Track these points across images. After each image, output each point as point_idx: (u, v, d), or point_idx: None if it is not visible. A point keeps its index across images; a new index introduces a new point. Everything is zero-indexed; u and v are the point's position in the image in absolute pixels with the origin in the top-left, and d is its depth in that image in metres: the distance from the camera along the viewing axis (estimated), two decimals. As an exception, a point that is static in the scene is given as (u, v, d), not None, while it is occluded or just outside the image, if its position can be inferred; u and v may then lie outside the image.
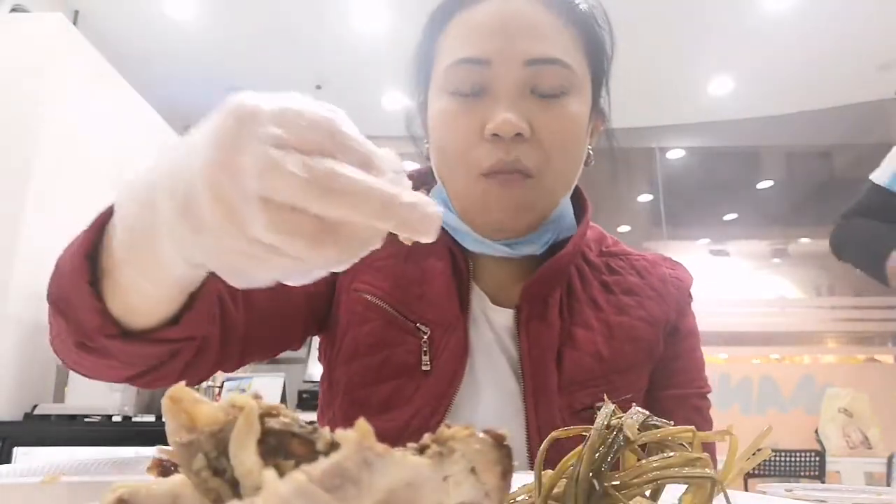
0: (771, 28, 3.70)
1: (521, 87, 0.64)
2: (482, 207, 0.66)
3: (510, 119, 0.61)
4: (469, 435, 0.19)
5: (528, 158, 0.63)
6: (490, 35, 0.64)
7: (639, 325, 0.71)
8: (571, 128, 0.66)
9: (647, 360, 0.72)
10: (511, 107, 0.62)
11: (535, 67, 0.63)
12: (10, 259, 2.12)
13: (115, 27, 3.65)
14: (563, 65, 0.64)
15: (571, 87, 0.65)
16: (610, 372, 0.68)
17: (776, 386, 4.14)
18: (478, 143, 0.64)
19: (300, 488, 0.16)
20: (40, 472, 0.39)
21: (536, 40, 0.64)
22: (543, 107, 0.64)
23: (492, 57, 0.63)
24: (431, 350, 0.67)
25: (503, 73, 0.63)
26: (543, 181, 0.65)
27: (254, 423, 0.18)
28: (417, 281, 0.70)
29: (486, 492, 0.19)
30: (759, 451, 0.31)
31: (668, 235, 4.93)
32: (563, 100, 0.65)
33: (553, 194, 0.67)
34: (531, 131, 0.63)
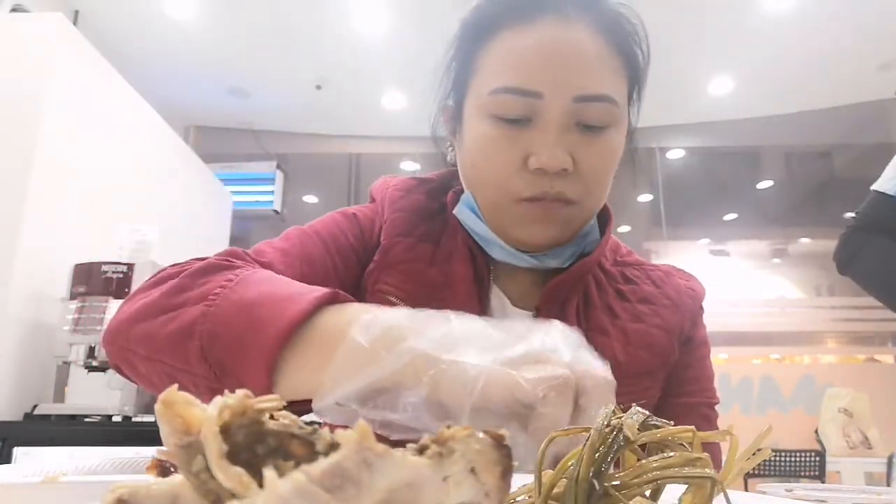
0: (771, 28, 3.70)
1: (568, 121, 0.64)
2: (520, 226, 0.68)
3: (558, 156, 0.63)
4: (469, 435, 0.19)
5: (570, 191, 0.65)
6: (542, 66, 0.63)
7: (654, 332, 0.72)
8: (612, 159, 0.68)
9: (661, 367, 0.73)
10: (557, 142, 0.63)
11: (584, 104, 0.64)
12: (10, 259, 2.12)
13: (115, 27, 3.66)
14: (610, 101, 0.65)
15: (615, 121, 0.66)
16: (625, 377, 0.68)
17: (776, 386, 4.14)
18: (519, 172, 0.65)
19: (300, 488, 0.16)
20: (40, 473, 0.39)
21: (587, 75, 0.64)
22: (587, 141, 0.65)
23: (543, 90, 0.63)
24: None
25: (552, 107, 0.63)
26: (583, 207, 0.68)
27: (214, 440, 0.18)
28: (440, 285, 0.71)
29: (485, 492, 0.19)
30: (759, 451, 0.31)
31: (668, 235, 4.93)
32: (607, 133, 0.66)
33: (589, 217, 0.71)
34: (573, 164, 0.65)
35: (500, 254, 0.71)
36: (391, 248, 0.73)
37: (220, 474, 0.17)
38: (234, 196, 4.38)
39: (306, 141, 4.96)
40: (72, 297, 2.19)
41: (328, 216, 0.77)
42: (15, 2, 2.82)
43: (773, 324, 4.67)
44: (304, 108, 4.56)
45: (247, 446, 0.20)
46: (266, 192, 4.85)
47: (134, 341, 0.54)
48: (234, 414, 0.20)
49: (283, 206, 4.89)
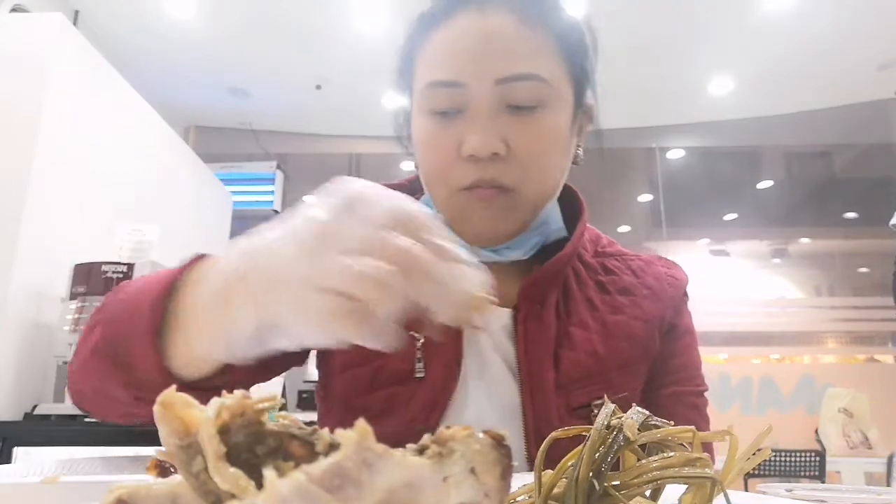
0: (771, 28, 3.70)
1: (495, 104, 0.64)
2: (463, 219, 0.67)
3: (484, 141, 0.63)
4: (468, 435, 0.19)
5: (506, 176, 0.65)
6: (462, 55, 0.65)
7: (634, 323, 0.72)
8: (549, 140, 0.66)
9: (642, 358, 0.72)
10: (486, 126, 0.63)
11: (507, 85, 0.63)
12: (10, 259, 2.12)
13: (115, 27, 3.65)
14: (536, 78, 0.64)
15: (548, 99, 0.65)
16: (607, 370, 0.69)
17: (776, 386, 4.14)
18: (455, 162, 0.65)
19: (300, 488, 0.16)
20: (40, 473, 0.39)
21: (508, 57, 0.64)
22: (519, 123, 0.64)
23: (464, 78, 0.64)
24: (425, 356, 0.68)
25: (476, 93, 0.64)
26: (523, 193, 0.66)
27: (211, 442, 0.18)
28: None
29: (485, 492, 0.19)
30: (759, 451, 0.31)
31: (668, 235, 4.93)
32: (539, 113, 0.65)
33: (534, 204, 0.68)
34: (507, 148, 0.64)
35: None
36: None
37: (217, 477, 0.17)
38: (234, 196, 4.38)
39: (306, 141, 4.96)
40: (72, 297, 2.19)
41: None
42: (15, 2, 2.82)
43: (773, 324, 4.67)
44: (304, 108, 4.56)
45: (247, 447, 0.20)
46: (266, 192, 4.85)
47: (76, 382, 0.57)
48: (233, 414, 0.20)
49: (283, 206, 4.89)
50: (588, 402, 0.68)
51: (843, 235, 5.02)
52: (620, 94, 4.46)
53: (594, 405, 0.67)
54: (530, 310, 0.70)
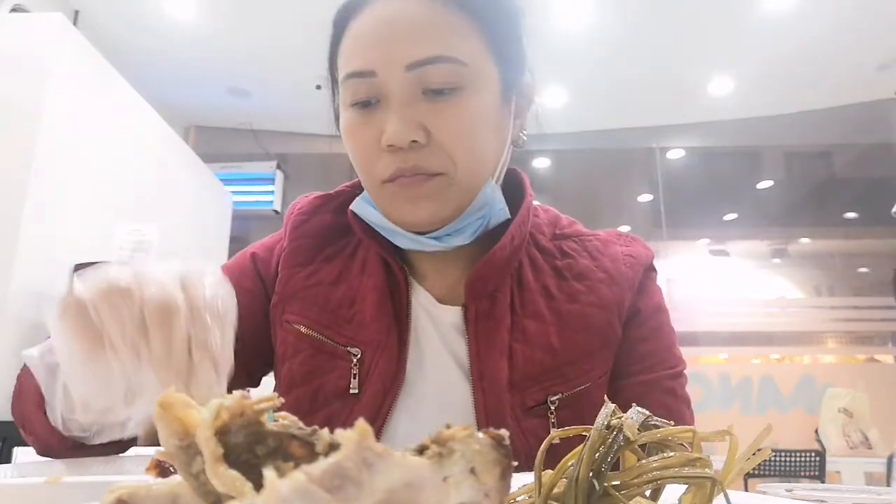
0: (771, 28, 3.70)
1: (410, 91, 0.62)
2: (393, 209, 0.66)
3: (400, 129, 0.61)
4: (468, 435, 0.19)
5: (428, 162, 0.62)
6: (372, 45, 0.63)
7: (590, 311, 0.69)
8: (471, 122, 0.63)
9: (601, 347, 0.69)
10: (402, 115, 0.61)
11: (419, 69, 0.61)
12: (10, 259, 2.12)
13: (115, 27, 3.65)
14: (449, 60, 0.62)
15: (465, 81, 0.62)
16: (562, 364, 0.67)
17: (776, 386, 4.14)
18: (377, 154, 0.64)
19: (300, 488, 0.16)
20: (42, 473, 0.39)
21: (416, 41, 0.62)
22: (437, 107, 0.62)
23: (375, 67, 0.62)
24: (361, 372, 0.66)
25: (389, 81, 0.62)
26: (452, 176, 0.63)
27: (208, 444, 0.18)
28: (348, 303, 0.69)
29: (485, 492, 0.19)
30: (759, 451, 0.31)
31: (668, 235, 4.93)
32: (458, 95, 0.62)
33: (468, 186, 0.65)
34: (428, 135, 0.62)
35: (405, 242, 0.68)
36: (289, 279, 0.72)
37: (214, 479, 0.17)
38: (234, 196, 4.38)
39: (306, 141, 4.96)
40: (72, 297, 2.18)
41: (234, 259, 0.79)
42: (15, 2, 2.82)
43: (773, 324, 4.67)
44: (304, 108, 4.56)
45: (246, 447, 0.20)
46: (266, 192, 4.85)
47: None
48: (232, 415, 0.20)
49: (283, 206, 4.89)
50: (545, 400, 0.66)
51: (843, 235, 5.02)
52: (621, 94, 4.46)
53: (550, 402, 0.65)
54: (479, 306, 0.68)
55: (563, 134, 4.81)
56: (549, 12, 3.58)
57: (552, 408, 0.65)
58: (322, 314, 0.69)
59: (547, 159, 5.17)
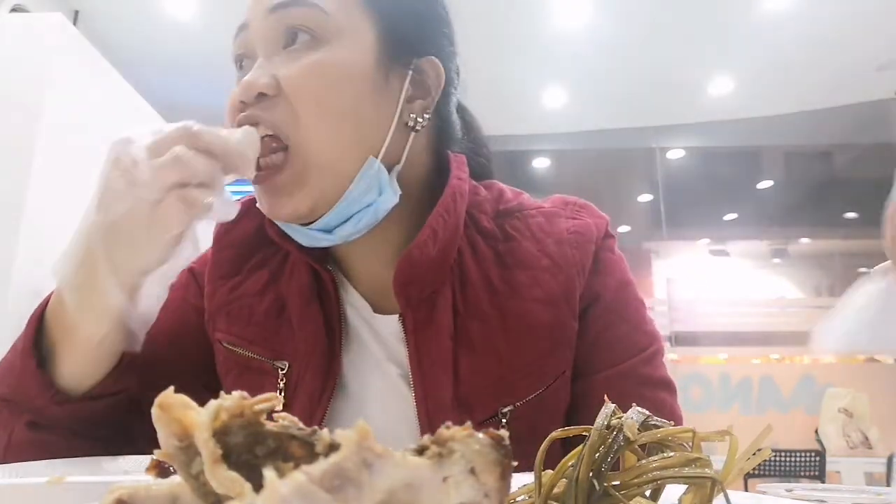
0: (771, 28, 3.70)
1: (271, 41, 0.57)
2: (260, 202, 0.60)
3: (248, 79, 0.55)
4: (468, 435, 0.19)
5: (269, 114, 0.55)
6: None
7: (534, 307, 0.61)
8: (327, 78, 0.56)
9: (551, 349, 0.61)
10: (259, 65, 0.57)
11: (279, 12, 0.56)
12: (10, 258, 2.12)
13: (115, 27, 3.66)
14: (308, 5, 0.56)
15: (325, 31, 0.56)
16: (511, 373, 0.60)
17: (776, 386, 4.15)
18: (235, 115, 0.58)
19: (300, 489, 0.16)
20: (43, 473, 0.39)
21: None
22: (290, 56, 0.56)
23: (248, 18, 0.60)
24: (287, 388, 0.61)
25: (255, 31, 0.59)
26: (301, 151, 0.56)
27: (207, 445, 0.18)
28: (276, 311, 0.63)
29: (485, 492, 0.19)
30: (759, 451, 0.31)
31: (668, 235, 4.93)
32: (313, 46, 0.56)
33: (324, 164, 0.56)
34: (278, 88, 0.55)
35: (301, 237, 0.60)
36: (214, 293, 0.66)
37: (213, 481, 0.17)
38: (234, 196, 4.38)
39: (306, 141, 4.97)
40: (72, 297, 2.19)
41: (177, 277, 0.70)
42: (15, 2, 2.82)
43: (773, 324, 4.67)
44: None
45: (246, 448, 0.20)
46: (266, 192, 4.85)
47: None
48: (231, 415, 0.20)
49: (283, 206, 4.89)
50: (496, 412, 0.59)
51: (843, 235, 5.02)
52: (621, 94, 4.46)
53: (501, 414, 0.59)
54: (417, 315, 0.60)
55: (563, 134, 4.81)
56: (549, 13, 3.58)
57: (503, 420, 0.59)
58: (246, 328, 0.64)
59: (547, 159, 5.16)
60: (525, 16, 3.54)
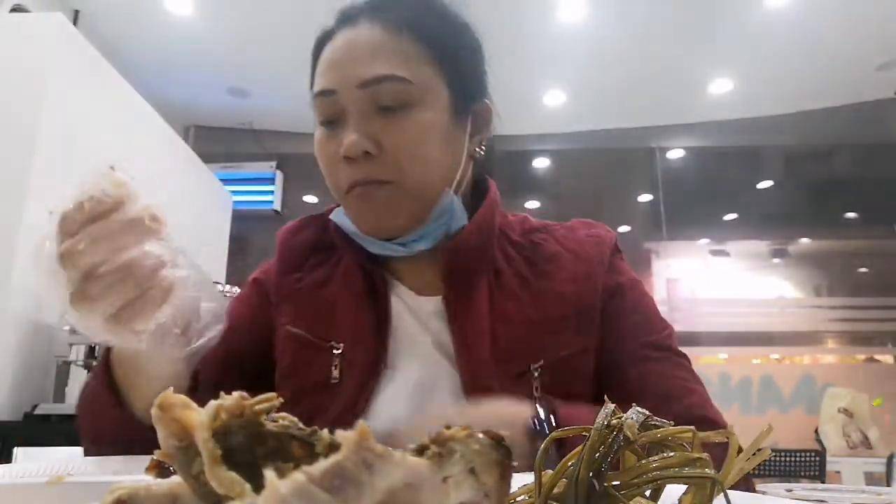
0: (771, 28, 3.70)
1: (364, 108, 0.69)
2: (357, 217, 0.73)
3: (353, 140, 0.68)
4: (468, 435, 0.19)
5: (379, 173, 0.69)
6: (333, 67, 0.72)
7: (562, 284, 0.75)
8: (419, 135, 0.70)
9: (577, 315, 0.73)
10: (357, 129, 0.69)
11: (369, 88, 0.69)
12: (10, 259, 2.12)
13: (115, 27, 3.66)
14: (396, 80, 0.69)
15: (413, 98, 0.70)
16: (541, 334, 0.72)
17: (776, 386, 4.15)
18: (339, 165, 0.71)
19: (300, 489, 0.16)
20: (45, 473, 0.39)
21: (368, 63, 0.69)
22: (390, 122, 0.69)
23: (334, 86, 0.70)
24: (343, 364, 0.73)
25: (345, 99, 0.70)
26: (403, 185, 0.70)
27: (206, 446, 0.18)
28: (331, 304, 0.77)
29: (485, 492, 0.19)
30: (759, 451, 0.31)
31: (668, 235, 4.92)
32: (409, 111, 0.70)
33: (419, 194, 0.71)
34: (380, 147, 0.69)
35: (375, 247, 0.75)
36: (279, 285, 0.81)
37: (213, 481, 0.17)
38: (234, 196, 4.38)
39: (306, 141, 4.92)
40: (72, 297, 2.18)
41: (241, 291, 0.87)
42: (15, 2, 2.82)
43: (773, 324, 4.67)
44: (304, 108, 4.54)
45: (246, 448, 0.20)
46: (266, 192, 4.85)
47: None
48: (231, 416, 0.20)
49: (283, 206, 4.89)
50: (528, 367, 0.70)
51: (843, 235, 5.02)
52: (621, 94, 4.46)
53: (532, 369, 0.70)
54: (458, 294, 0.74)
55: (563, 134, 4.81)
56: (549, 12, 3.58)
57: (535, 374, 0.70)
58: (307, 314, 0.77)
59: (547, 159, 5.16)
60: (525, 16, 3.54)
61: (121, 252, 0.49)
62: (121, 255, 0.49)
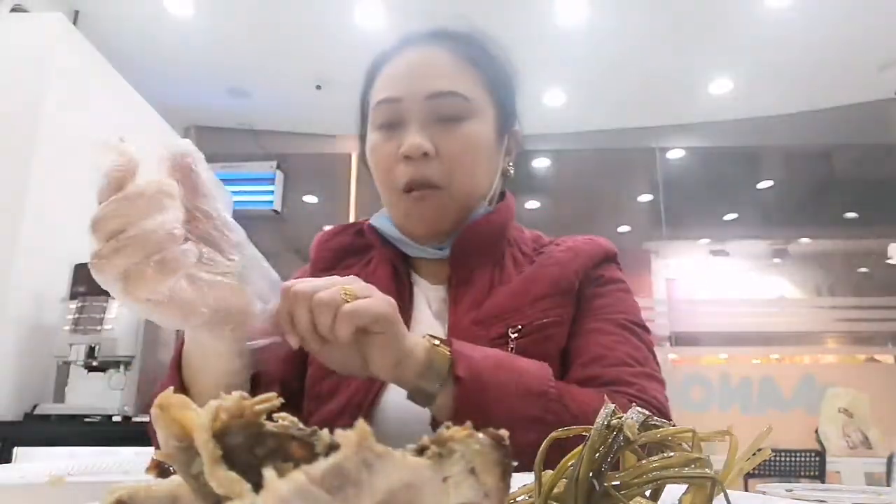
0: (771, 28, 3.70)
1: (426, 116, 0.80)
2: (407, 219, 0.83)
3: (416, 141, 0.78)
4: (468, 435, 0.19)
5: (434, 172, 0.79)
6: (400, 78, 0.82)
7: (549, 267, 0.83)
8: (471, 145, 0.81)
9: (554, 293, 0.80)
10: (418, 132, 0.79)
11: (436, 100, 0.80)
12: (10, 259, 2.12)
13: (115, 27, 3.66)
14: (459, 96, 0.80)
15: (469, 113, 0.81)
16: (521, 304, 0.79)
17: (776, 386, 4.15)
18: (396, 164, 0.80)
19: (300, 489, 0.16)
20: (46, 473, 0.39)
21: (436, 79, 0.81)
22: (446, 130, 0.80)
23: (401, 95, 0.81)
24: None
25: (412, 107, 0.80)
26: (451, 191, 0.80)
27: (206, 446, 0.18)
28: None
29: (485, 492, 0.19)
30: (759, 451, 0.31)
31: (668, 235, 4.92)
32: (462, 123, 0.80)
33: (462, 201, 0.82)
34: (436, 151, 0.79)
35: (411, 250, 0.85)
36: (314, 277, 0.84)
37: (213, 481, 0.17)
38: (234, 196, 4.38)
39: (306, 141, 4.96)
40: (72, 297, 2.19)
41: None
42: (15, 2, 2.82)
43: (773, 324, 4.67)
44: (304, 108, 4.56)
45: (246, 448, 0.20)
46: (266, 192, 4.85)
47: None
48: (231, 416, 0.20)
49: (283, 206, 4.89)
50: (506, 332, 0.77)
51: (843, 235, 5.02)
52: (620, 94, 4.46)
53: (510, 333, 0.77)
54: (460, 277, 0.83)
55: (563, 134, 4.81)
56: (550, 12, 3.58)
57: (512, 337, 0.77)
58: None
59: (547, 159, 5.16)
60: (525, 16, 3.54)
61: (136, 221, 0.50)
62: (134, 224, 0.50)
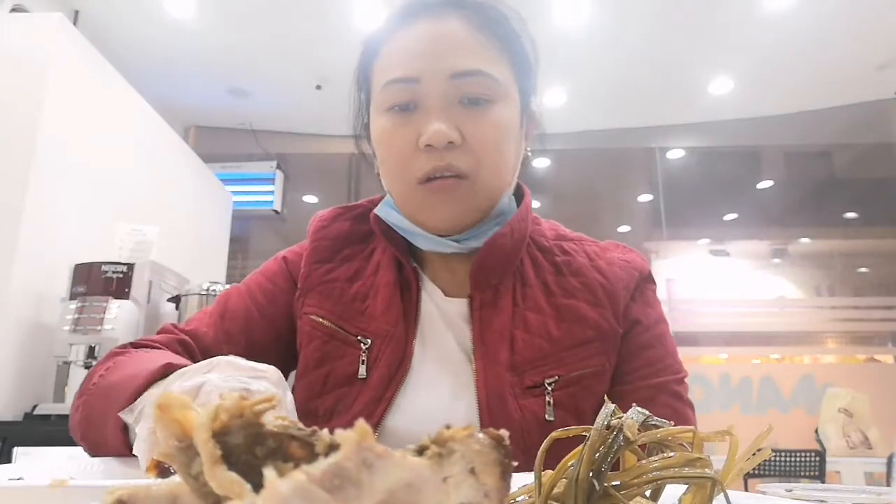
0: (771, 28, 3.70)
1: (449, 98, 0.70)
2: (423, 210, 0.73)
3: (441, 129, 0.68)
4: (468, 436, 0.19)
5: (461, 162, 0.69)
6: (419, 55, 0.71)
7: (584, 307, 0.75)
8: (499, 130, 0.71)
9: (596, 338, 0.74)
10: (441, 118, 0.69)
11: (460, 80, 0.69)
12: (10, 259, 2.12)
13: (115, 27, 3.65)
14: (485, 75, 0.70)
15: (496, 95, 0.71)
16: (560, 350, 0.72)
17: (776, 386, 4.14)
18: (414, 153, 0.70)
19: (300, 488, 0.16)
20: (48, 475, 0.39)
21: (460, 56, 0.70)
22: (471, 115, 0.70)
23: (421, 75, 0.70)
24: (369, 359, 0.73)
25: (432, 88, 0.69)
26: (478, 181, 0.71)
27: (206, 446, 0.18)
28: (361, 298, 0.77)
29: (485, 492, 0.19)
30: (759, 451, 0.31)
31: (668, 235, 4.92)
32: (489, 107, 0.71)
33: (490, 192, 0.73)
34: (462, 138, 0.69)
35: (425, 243, 0.75)
36: (309, 274, 0.80)
37: (213, 482, 0.17)
38: (234, 196, 4.38)
39: (306, 141, 4.96)
40: (72, 297, 2.19)
41: (263, 265, 0.86)
42: (15, 2, 2.82)
43: (773, 324, 4.67)
44: (304, 108, 4.56)
45: (246, 448, 0.20)
46: (266, 192, 4.85)
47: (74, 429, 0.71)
48: (231, 416, 0.20)
49: (283, 206, 4.89)
50: (542, 381, 0.70)
51: (843, 235, 5.02)
52: (621, 94, 4.46)
53: (547, 383, 0.70)
54: (484, 297, 0.74)
55: (563, 134, 4.80)
56: (549, 12, 3.58)
57: (549, 388, 0.70)
58: (336, 306, 0.76)
59: (547, 159, 5.16)
60: (525, 16, 3.53)
61: None
62: None
